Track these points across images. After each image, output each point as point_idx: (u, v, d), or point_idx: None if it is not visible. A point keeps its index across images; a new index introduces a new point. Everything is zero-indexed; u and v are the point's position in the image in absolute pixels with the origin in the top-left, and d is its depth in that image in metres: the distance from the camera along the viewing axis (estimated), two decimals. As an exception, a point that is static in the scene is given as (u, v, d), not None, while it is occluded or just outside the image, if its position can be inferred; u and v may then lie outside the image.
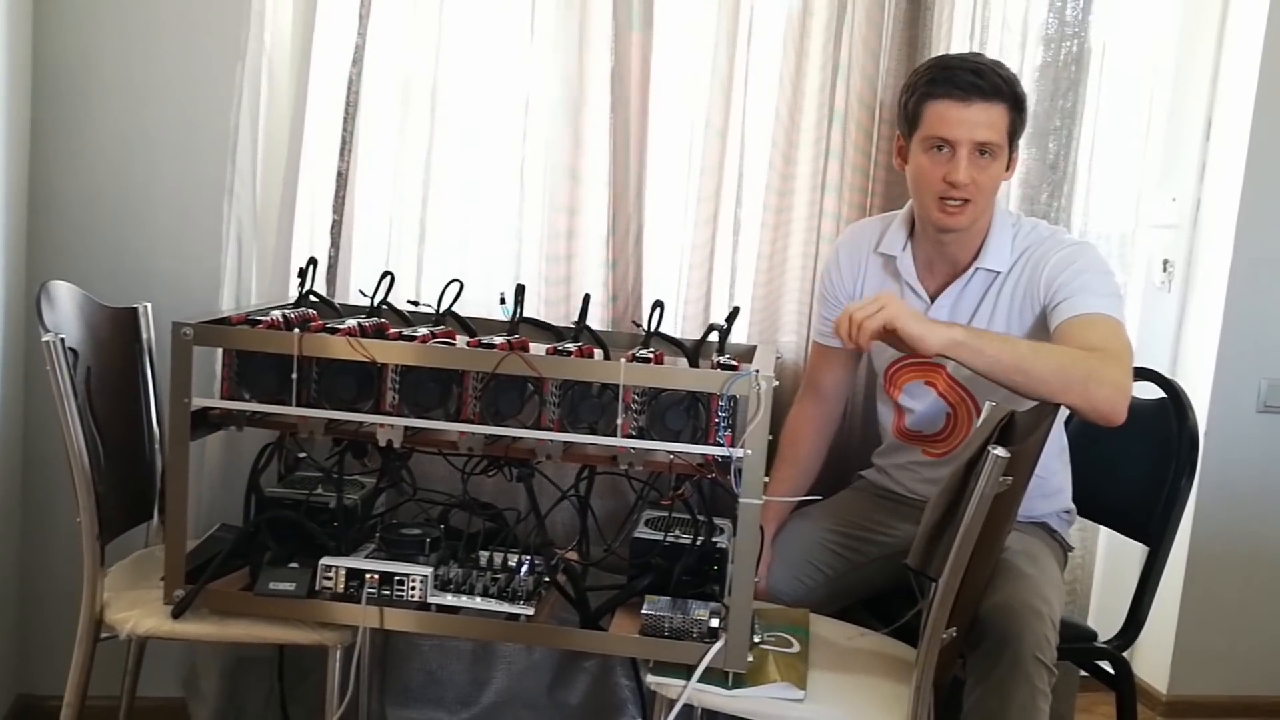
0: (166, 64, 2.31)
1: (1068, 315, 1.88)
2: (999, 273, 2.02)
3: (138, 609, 1.86)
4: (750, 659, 1.74)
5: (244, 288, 2.28)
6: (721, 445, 1.74)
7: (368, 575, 1.78)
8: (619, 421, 1.75)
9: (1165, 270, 2.88)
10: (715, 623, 1.74)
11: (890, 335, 1.76)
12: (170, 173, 2.34)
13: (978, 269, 2.03)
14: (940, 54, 2.27)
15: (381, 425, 1.81)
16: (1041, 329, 1.96)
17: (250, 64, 2.22)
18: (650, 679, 1.76)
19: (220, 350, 1.88)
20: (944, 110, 1.93)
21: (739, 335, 2.34)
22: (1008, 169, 2.01)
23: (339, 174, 2.28)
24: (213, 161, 2.28)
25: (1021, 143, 2.05)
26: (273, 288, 2.29)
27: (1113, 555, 2.72)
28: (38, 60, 2.29)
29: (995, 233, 2.03)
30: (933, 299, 2.08)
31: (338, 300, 2.20)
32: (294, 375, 1.78)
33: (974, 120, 1.92)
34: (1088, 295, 1.89)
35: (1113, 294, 1.92)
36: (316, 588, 1.80)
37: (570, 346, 1.82)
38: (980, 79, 1.92)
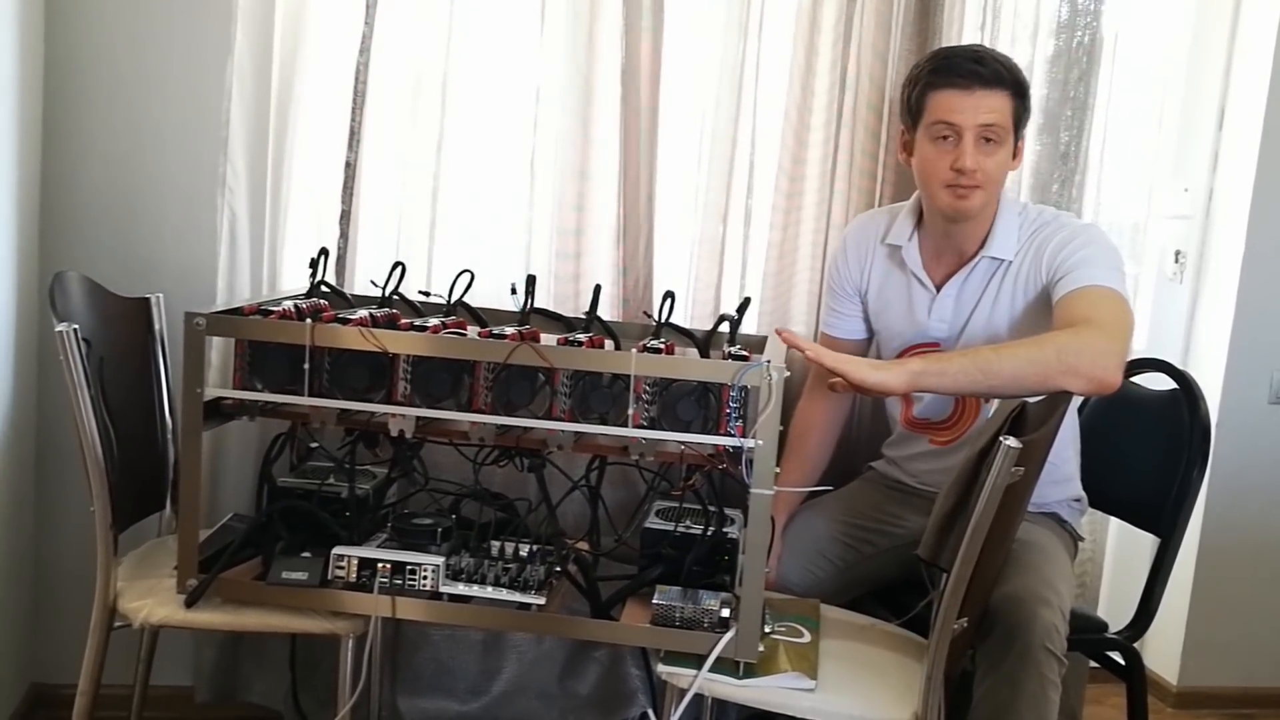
0: (175, 58, 2.31)
1: (1065, 290, 1.88)
2: (1005, 260, 2.02)
3: (151, 598, 1.87)
4: (761, 649, 1.74)
5: (238, 280, 2.29)
6: (733, 436, 1.74)
7: (380, 565, 1.79)
8: (630, 412, 1.75)
9: (1177, 261, 2.87)
10: (726, 613, 1.74)
11: (855, 388, 1.76)
12: (180, 165, 2.34)
13: (983, 257, 2.03)
14: (942, 46, 2.27)
15: (393, 415, 1.81)
16: (1044, 309, 1.95)
17: (239, 59, 2.22)
18: (661, 669, 1.77)
19: (232, 340, 1.88)
20: (947, 99, 1.94)
21: (750, 326, 2.33)
22: (1014, 158, 2.01)
23: (347, 164, 2.29)
24: (220, 153, 2.28)
25: (1032, 132, 2.05)
26: (269, 279, 2.29)
27: (1123, 546, 2.71)
28: (49, 56, 2.29)
29: (1001, 221, 2.03)
30: (938, 288, 2.08)
31: (348, 291, 2.20)
32: (306, 365, 1.78)
33: (977, 106, 1.92)
34: (1085, 268, 1.89)
35: (1112, 267, 1.91)
36: (329, 577, 1.81)
37: (581, 337, 1.83)
38: (982, 66, 1.93)
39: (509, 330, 1.80)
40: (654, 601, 1.77)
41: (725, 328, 1.98)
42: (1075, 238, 1.96)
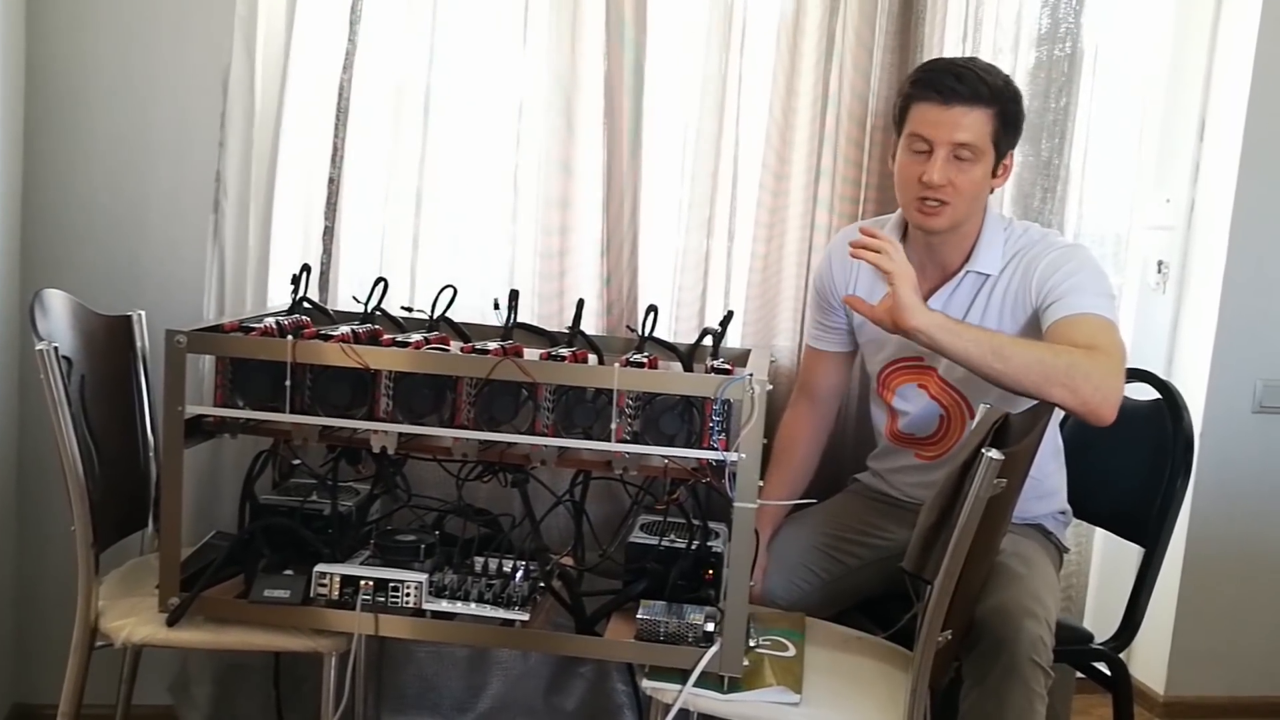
0: (160, 71, 2.31)
1: (1059, 315, 1.88)
2: (990, 275, 2.02)
3: (133, 617, 1.86)
4: (746, 663, 1.74)
5: (227, 297, 2.28)
6: (716, 449, 1.74)
7: (362, 582, 1.78)
8: (613, 426, 1.75)
9: (1160, 271, 2.88)
10: (711, 627, 1.74)
11: (882, 309, 1.80)
12: (164, 180, 2.34)
13: (968, 272, 2.03)
14: (936, 56, 2.28)
15: (375, 432, 1.81)
16: (1033, 331, 1.96)
17: (235, 76, 2.22)
18: (646, 684, 1.76)
19: (213, 358, 1.87)
20: (925, 111, 1.95)
21: (734, 339, 2.34)
22: (996, 175, 2.00)
23: (330, 180, 2.28)
24: (206, 169, 2.28)
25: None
26: (256, 296, 2.29)
27: (1109, 557, 2.72)
28: (31, 67, 2.29)
29: (986, 236, 2.03)
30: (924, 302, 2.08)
31: (330, 307, 2.20)
32: (288, 382, 1.78)
33: (952, 122, 1.92)
34: (1079, 295, 1.90)
35: (1105, 294, 1.92)
36: (311, 595, 1.80)
37: (564, 351, 1.83)
38: (960, 83, 1.92)
39: (492, 345, 1.80)
40: (638, 616, 1.76)
41: (709, 341, 1.98)
42: (1066, 261, 1.96)
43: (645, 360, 1.80)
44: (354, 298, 2.04)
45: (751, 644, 1.81)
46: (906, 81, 2.01)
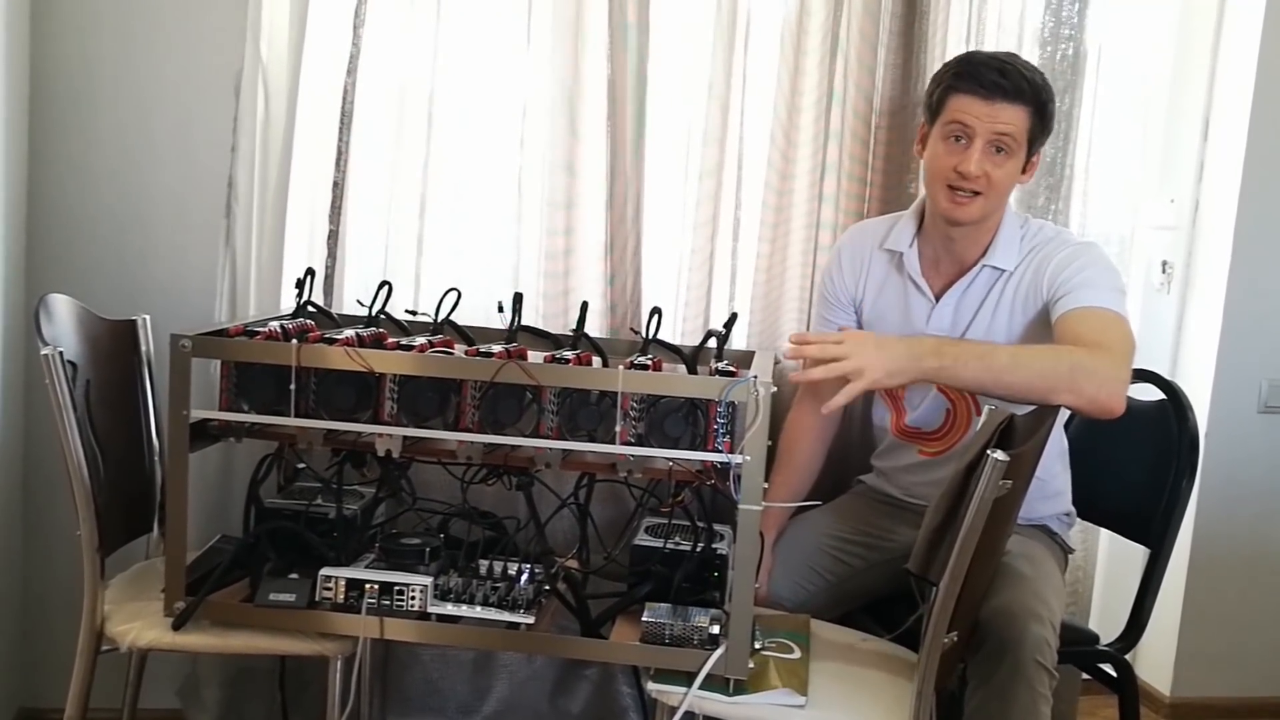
0: (166, 75, 2.32)
1: (1068, 309, 1.89)
2: (1005, 270, 2.02)
3: (138, 621, 1.86)
4: (751, 665, 1.74)
5: (238, 302, 2.29)
6: (720, 451, 1.74)
7: (368, 585, 1.78)
8: (618, 429, 1.75)
9: (1164, 272, 2.88)
10: (716, 629, 1.74)
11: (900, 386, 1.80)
12: (169, 184, 2.34)
13: (984, 266, 2.03)
14: (973, 49, 2.27)
15: (380, 435, 1.81)
16: (1043, 326, 1.96)
17: (248, 81, 2.22)
18: (651, 686, 1.76)
19: (219, 362, 1.88)
20: (966, 104, 1.94)
21: (739, 340, 2.34)
22: (1024, 172, 2.01)
23: (334, 184, 2.28)
24: (212, 173, 2.29)
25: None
26: (267, 300, 2.29)
27: (1114, 558, 2.71)
28: (36, 72, 2.29)
29: (1004, 231, 2.03)
30: (938, 297, 2.08)
31: (335, 310, 2.20)
32: (292, 386, 1.78)
33: (995, 115, 1.92)
34: (1088, 290, 1.90)
35: (1114, 288, 1.92)
36: (317, 598, 1.80)
37: (568, 354, 1.83)
38: (1005, 78, 1.93)
39: (496, 348, 1.80)
40: (643, 619, 1.76)
41: (713, 343, 1.98)
42: (1078, 257, 1.96)
43: (649, 363, 1.80)
44: (358, 301, 2.04)
45: (757, 646, 1.81)
46: (946, 71, 2.00)
